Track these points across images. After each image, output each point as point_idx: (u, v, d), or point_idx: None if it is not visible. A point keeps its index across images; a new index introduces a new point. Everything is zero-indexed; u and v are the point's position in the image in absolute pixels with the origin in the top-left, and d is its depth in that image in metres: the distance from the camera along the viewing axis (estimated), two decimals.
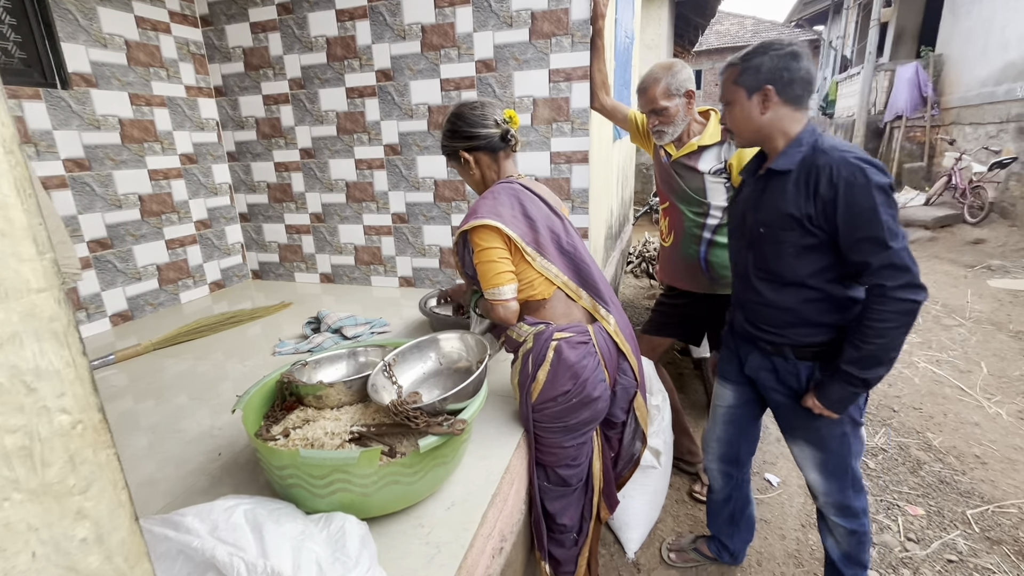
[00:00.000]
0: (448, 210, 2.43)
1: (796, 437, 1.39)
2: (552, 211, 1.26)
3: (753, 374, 1.40)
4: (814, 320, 1.23)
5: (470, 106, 1.26)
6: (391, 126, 2.39)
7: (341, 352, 1.25)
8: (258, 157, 2.68)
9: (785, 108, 1.17)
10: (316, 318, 1.98)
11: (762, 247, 1.25)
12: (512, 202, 1.20)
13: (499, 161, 1.28)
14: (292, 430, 0.99)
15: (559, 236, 1.23)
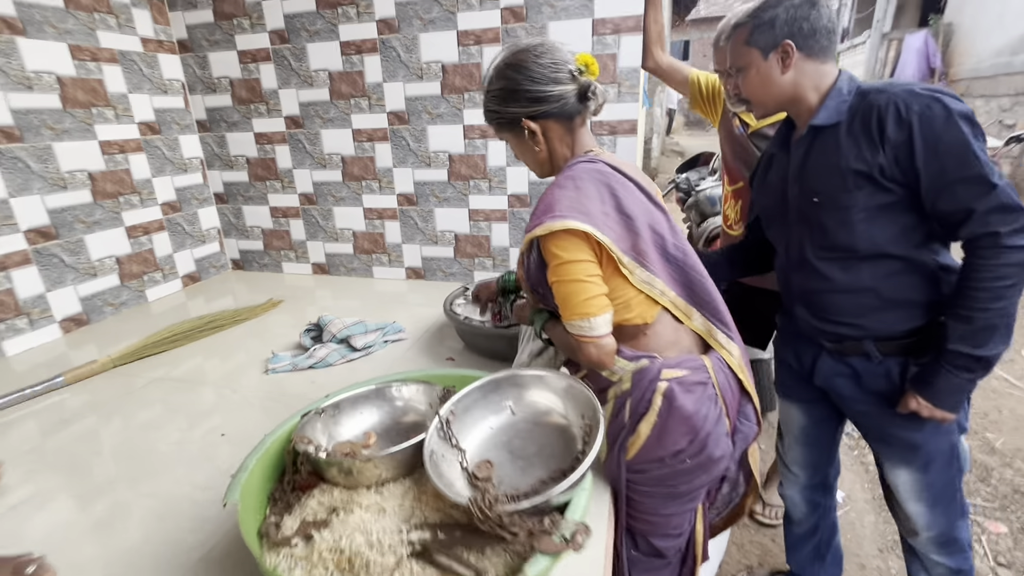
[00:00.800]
0: (465, 190, 2.07)
1: (892, 458, 1.14)
2: (651, 201, 0.93)
3: (826, 383, 1.16)
4: (901, 299, 1.01)
5: (533, 52, 0.89)
6: (396, 89, 2.00)
7: (366, 391, 0.93)
8: (235, 127, 2.26)
9: (810, 63, 1.00)
10: (316, 324, 1.63)
11: (820, 221, 1.03)
12: (601, 192, 0.87)
13: (574, 130, 0.94)
14: (315, 530, 0.67)
15: (663, 237, 0.91)
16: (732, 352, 0.92)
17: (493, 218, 2.08)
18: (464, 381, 0.95)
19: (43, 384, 1.40)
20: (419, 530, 0.65)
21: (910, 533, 1.21)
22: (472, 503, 0.62)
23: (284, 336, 1.74)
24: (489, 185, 2.04)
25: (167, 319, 1.93)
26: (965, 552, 1.16)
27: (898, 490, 1.16)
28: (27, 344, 1.70)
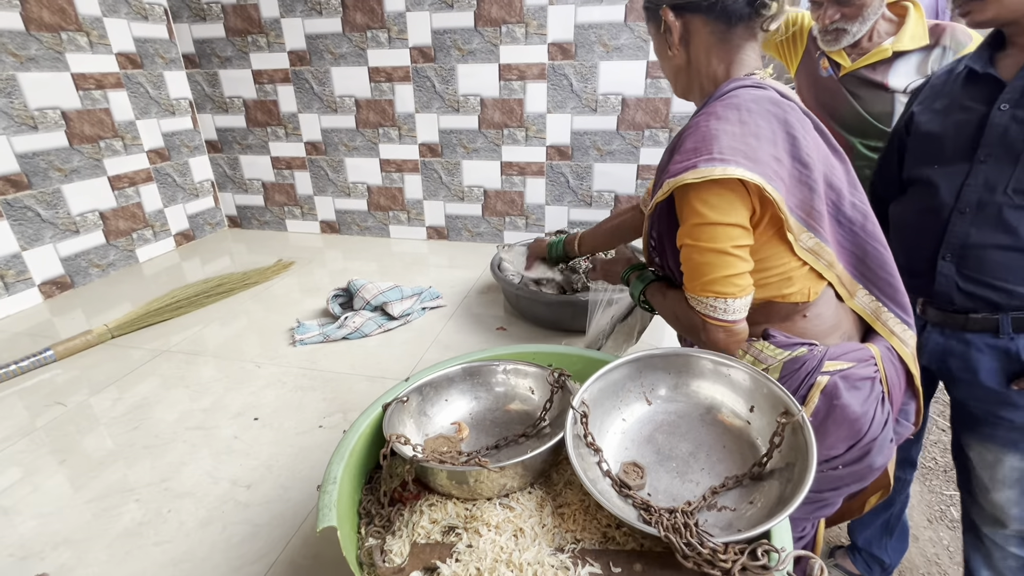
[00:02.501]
0: (498, 140, 1.85)
1: (996, 443, 1.03)
2: (828, 144, 0.74)
3: (934, 362, 1.03)
4: None
5: None
6: (421, 19, 1.74)
7: (452, 372, 0.76)
8: (228, 63, 1.97)
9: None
10: (346, 290, 1.44)
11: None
12: (775, 130, 0.67)
13: (732, 42, 0.72)
14: (438, 560, 0.52)
15: (839, 193, 0.72)
16: (906, 342, 0.76)
17: (528, 172, 1.88)
18: (565, 360, 0.79)
19: (31, 359, 1.19)
20: (583, 562, 0.50)
21: (993, 523, 1.12)
22: (670, 533, 0.47)
23: (302, 302, 1.55)
24: (526, 135, 1.82)
25: (160, 281, 1.71)
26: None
27: (993, 478, 1.06)
28: (3, 311, 1.47)
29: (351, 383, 1.15)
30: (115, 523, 0.80)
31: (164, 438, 0.99)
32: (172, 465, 0.92)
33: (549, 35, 1.67)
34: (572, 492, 0.61)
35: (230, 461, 0.93)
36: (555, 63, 1.70)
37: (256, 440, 0.98)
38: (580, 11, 1.62)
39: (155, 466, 0.92)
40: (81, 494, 0.86)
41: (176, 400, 1.11)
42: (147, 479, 0.89)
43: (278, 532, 0.76)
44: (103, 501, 0.84)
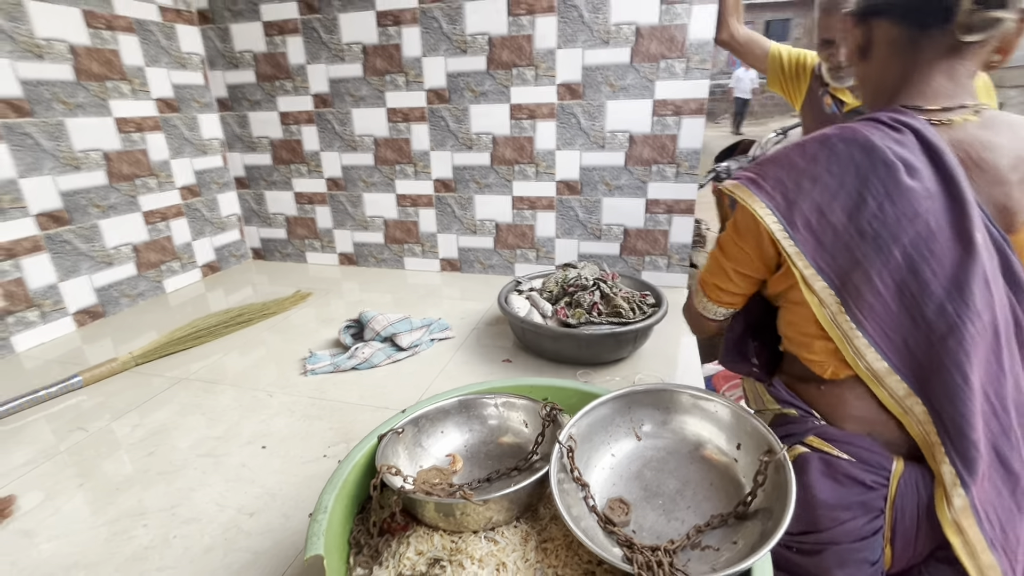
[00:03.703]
0: (509, 175, 1.91)
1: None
2: (953, 230, 0.57)
3: None
4: None
5: None
6: (436, 64, 1.84)
7: (449, 404, 0.78)
8: (257, 105, 2.10)
9: None
10: (357, 321, 1.48)
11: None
12: (844, 180, 0.58)
13: (917, 56, 0.60)
14: None
15: (926, 287, 0.58)
16: (952, 500, 0.57)
17: (539, 206, 1.92)
18: (560, 393, 0.80)
19: (60, 385, 1.26)
20: None
21: None
22: (643, 570, 0.47)
23: (317, 332, 1.60)
24: (536, 170, 1.88)
25: (185, 311, 1.78)
26: None
27: None
28: (39, 339, 1.56)
29: (357, 413, 1.18)
30: (124, 547, 0.83)
31: (177, 464, 1.03)
32: (182, 491, 0.95)
33: (558, 76, 1.74)
34: (557, 527, 0.62)
35: (237, 488, 0.95)
36: (564, 103, 1.76)
37: (263, 468, 1.01)
38: (587, 53, 1.69)
39: (167, 491, 0.95)
40: (97, 517, 0.89)
41: (191, 427, 1.15)
42: (158, 504, 0.92)
43: (276, 560, 0.78)
44: (115, 524, 0.88)
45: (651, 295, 1.39)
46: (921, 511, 0.61)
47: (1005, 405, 0.57)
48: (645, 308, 1.32)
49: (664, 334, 1.45)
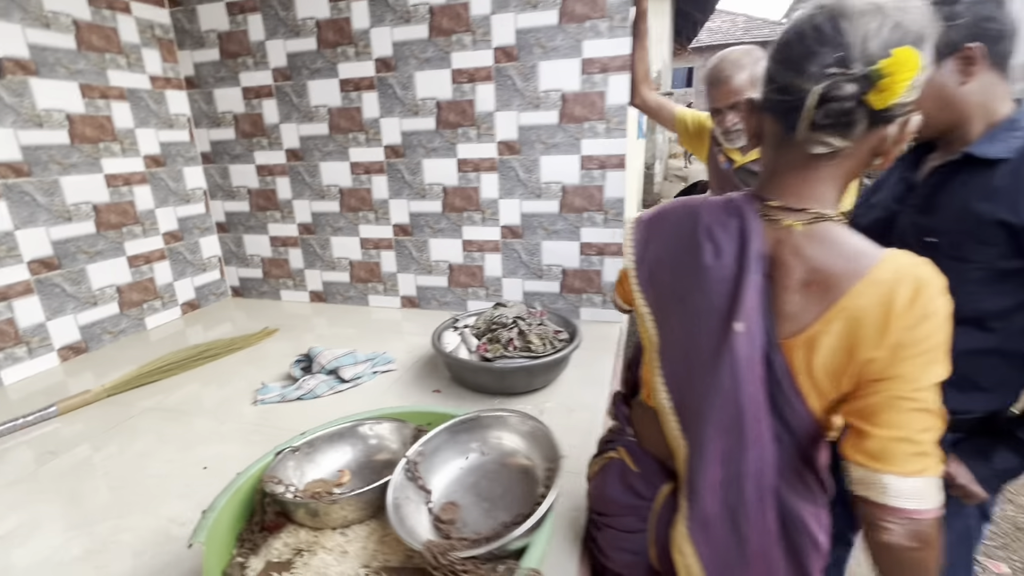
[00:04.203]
0: (459, 221, 2.11)
1: None
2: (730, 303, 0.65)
3: None
4: (971, 380, 0.89)
5: (794, 28, 0.60)
6: (392, 124, 2.06)
7: (341, 429, 0.94)
8: (237, 159, 2.33)
9: (992, 74, 0.83)
10: (306, 355, 1.65)
11: None
12: (669, 245, 0.70)
13: (783, 154, 0.64)
14: (276, 572, 0.68)
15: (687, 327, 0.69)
16: (679, 545, 0.67)
17: (486, 249, 2.11)
18: (438, 419, 0.96)
19: (36, 414, 1.43)
20: (377, 573, 0.65)
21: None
22: (426, 549, 0.62)
23: (277, 366, 1.76)
24: (482, 217, 2.07)
25: (164, 346, 1.96)
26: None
27: None
28: (25, 373, 1.73)
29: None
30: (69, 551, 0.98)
31: (128, 481, 1.18)
32: (128, 504, 1.10)
33: (497, 135, 1.95)
34: None
35: (176, 503, 1.10)
36: (503, 158, 1.97)
37: (201, 485, 1.16)
38: (522, 116, 1.90)
39: (114, 503, 1.10)
40: (53, 524, 1.05)
41: (146, 450, 1.31)
42: (104, 515, 1.07)
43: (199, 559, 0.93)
44: (68, 533, 1.03)
45: (566, 332, 1.55)
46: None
47: (741, 474, 0.63)
48: (556, 343, 1.48)
49: (584, 362, 1.61)
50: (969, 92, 0.85)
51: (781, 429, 0.63)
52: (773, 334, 0.62)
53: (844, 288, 0.58)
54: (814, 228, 0.62)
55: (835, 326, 0.58)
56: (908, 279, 0.56)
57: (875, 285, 0.57)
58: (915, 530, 0.54)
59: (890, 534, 0.55)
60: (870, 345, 0.56)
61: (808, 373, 0.61)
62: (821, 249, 0.61)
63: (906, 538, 0.54)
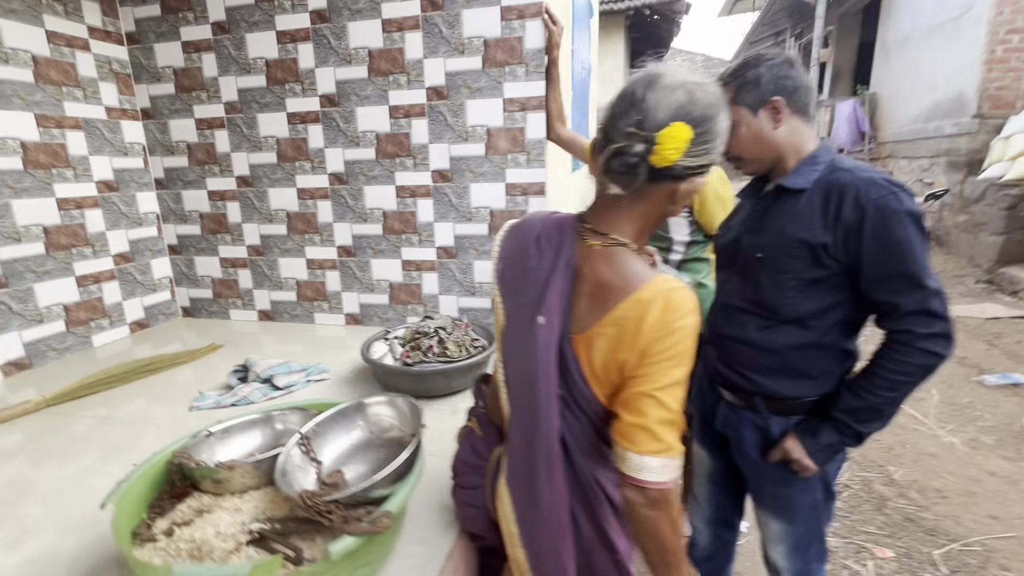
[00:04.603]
0: (398, 243, 2.28)
1: (764, 506, 1.23)
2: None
3: (722, 430, 1.24)
4: (800, 370, 1.08)
5: (623, 90, 0.74)
6: (336, 154, 2.24)
7: (255, 418, 1.07)
8: (190, 185, 2.46)
9: (796, 119, 1.04)
10: (243, 366, 1.77)
11: (756, 275, 1.08)
12: (509, 249, 0.85)
13: (598, 183, 0.78)
14: (179, 527, 0.81)
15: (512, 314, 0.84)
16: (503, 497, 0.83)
17: (423, 268, 2.28)
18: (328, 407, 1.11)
19: None
20: (261, 523, 0.79)
21: (772, 573, 1.28)
22: (298, 496, 0.76)
23: (219, 378, 1.86)
24: (419, 239, 2.25)
25: (110, 363, 2.04)
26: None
27: (767, 536, 1.25)
28: None
29: None
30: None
31: (64, 480, 1.28)
32: (62, 498, 1.20)
33: (431, 165, 2.15)
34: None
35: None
36: (437, 185, 2.17)
37: None
38: (452, 147, 2.11)
39: (48, 500, 1.20)
40: None
41: (81, 451, 1.40)
42: (35, 511, 1.16)
43: None
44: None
45: (483, 340, 1.72)
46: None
47: (533, 440, 0.76)
48: (472, 350, 1.65)
49: None
50: (781, 135, 1.05)
51: (574, 407, 0.77)
52: (567, 329, 0.76)
53: (616, 302, 0.71)
54: (609, 251, 0.75)
55: (607, 330, 0.72)
56: (660, 300, 0.69)
57: (637, 302, 0.70)
58: (649, 496, 0.69)
59: (631, 496, 0.71)
60: (625, 349, 0.70)
61: (590, 365, 0.75)
62: (608, 268, 0.74)
63: (642, 501, 0.69)
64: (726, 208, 1.64)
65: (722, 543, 1.48)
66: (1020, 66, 5.29)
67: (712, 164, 0.73)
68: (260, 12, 2.15)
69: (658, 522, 0.70)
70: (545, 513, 0.76)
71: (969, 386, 3.23)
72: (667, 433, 0.70)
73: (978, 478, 2.37)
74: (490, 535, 0.90)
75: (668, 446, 0.70)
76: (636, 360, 0.70)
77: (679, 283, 0.72)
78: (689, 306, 0.71)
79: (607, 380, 0.75)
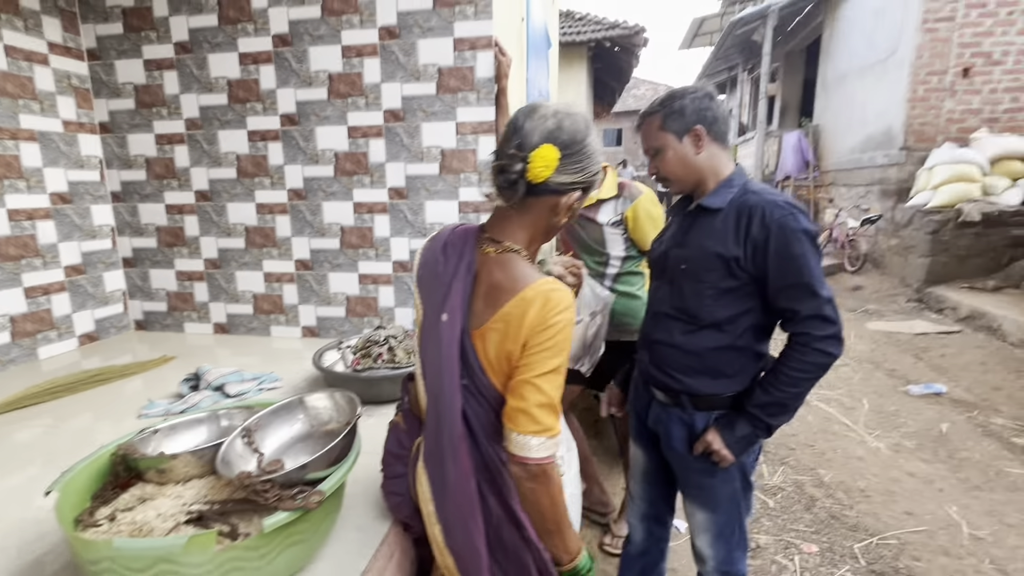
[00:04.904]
0: (355, 257, 2.35)
1: (690, 497, 1.35)
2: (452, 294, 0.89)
3: (654, 427, 1.36)
4: (718, 369, 1.20)
5: (512, 118, 0.86)
6: (296, 170, 2.32)
7: (201, 416, 1.13)
8: (148, 198, 2.49)
9: (715, 146, 1.18)
10: (195, 374, 1.80)
11: (681, 285, 1.21)
12: (426, 256, 0.94)
13: (496, 207, 0.90)
14: (121, 513, 0.86)
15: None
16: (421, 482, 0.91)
17: (380, 281, 2.36)
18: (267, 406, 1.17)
19: None
20: (200, 505, 0.85)
21: (698, 561, 1.40)
22: (237, 476, 0.83)
23: (169, 388, 1.88)
24: (376, 253, 2.33)
25: (56, 374, 2.02)
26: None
27: (693, 527, 1.36)
28: None
29: None
30: None
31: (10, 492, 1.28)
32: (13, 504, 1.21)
33: (388, 182, 2.25)
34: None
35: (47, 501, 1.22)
36: (394, 202, 2.27)
37: None
38: (408, 166, 2.22)
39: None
40: None
41: (27, 459, 1.40)
42: None
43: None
44: None
45: None
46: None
47: (440, 424, 0.86)
48: None
49: None
50: (702, 159, 1.18)
51: (476, 394, 0.85)
52: (467, 325, 0.85)
53: (505, 300, 0.81)
54: (502, 256, 0.85)
55: (498, 325, 0.81)
56: (540, 299, 0.79)
57: (521, 300, 0.80)
58: (530, 471, 0.79)
59: (516, 471, 0.80)
60: (511, 341, 0.80)
61: (486, 356, 0.84)
62: (500, 272, 0.84)
63: (525, 476, 0.79)
64: (656, 226, 1.81)
65: (655, 540, 1.58)
66: (939, 104, 5.82)
67: (588, 182, 0.86)
68: (223, 34, 2.24)
69: (539, 494, 0.80)
70: (453, 489, 0.85)
71: (896, 396, 3.49)
72: (545, 416, 0.79)
73: (898, 479, 2.56)
74: (415, 522, 0.97)
75: (546, 427, 0.79)
76: (520, 351, 0.80)
77: (558, 284, 0.83)
78: (565, 304, 0.81)
79: (500, 370, 0.84)
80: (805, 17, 8.64)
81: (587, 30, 8.15)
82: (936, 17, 5.64)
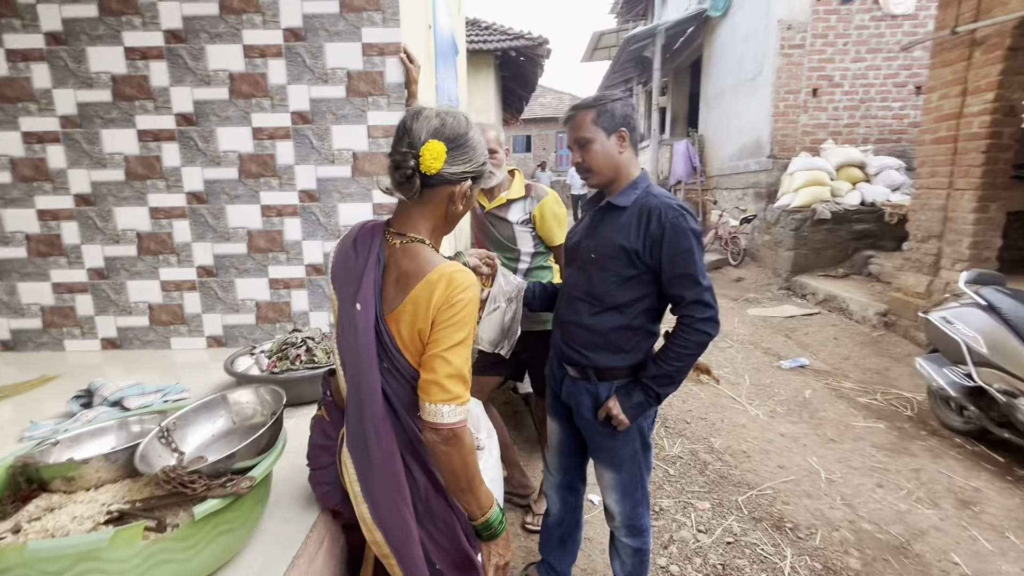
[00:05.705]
0: (264, 261, 2.29)
1: (599, 460, 1.53)
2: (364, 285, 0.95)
3: (566, 400, 1.52)
4: (618, 346, 1.39)
5: (401, 121, 0.94)
6: (194, 172, 2.21)
7: (107, 424, 1.08)
8: (13, 203, 2.23)
9: (630, 151, 1.34)
10: (87, 390, 1.67)
11: (590, 272, 1.37)
12: (340, 252, 1.01)
13: (399, 202, 0.97)
14: (27, 524, 0.82)
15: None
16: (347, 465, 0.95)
17: (292, 286, 2.31)
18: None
19: None
20: (120, 504, 0.84)
21: (608, 519, 1.60)
22: (162, 470, 0.84)
23: (55, 408, 1.72)
24: (287, 257, 2.29)
25: None
26: (644, 537, 1.54)
27: (602, 486, 1.53)
28: None
29: None
30: None
31: None
32: None
33: (298, 185, 2.22)
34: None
35: None
36: (304, 204, 2.24)
37: None
38: (319, 169, 2.21)
39: None
40: None
41: None
42: None
43: None
44: None
45: None
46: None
47: (361, 406, 0.91)
48: None
49: None
50: (622, 159, 1.34)
51: (396, 374, 0.92)
52: (380, 311, 0.92)
53: (413, 285, 0.89)
54: (407, 246, 0.93)
55: (408, 308, 0.89)
56: (444, 280, 0.87)
57: (428, 283, 0.88)
58: (443, 435, 0.87)
59: (429, 437, 0.88)
60: (421, 320, 0.88)
61: (400, 338, 0.90)
62: (407, 260, 0.92)
63: (438, 440, 0.87)
64: (561, 224, 1.99)
65: (569, 508, 1.74)
66: (796, 119, 6.75)
67: (477, 171, 0.97)
68: (104, 26, 2.09)
69: (451, 455, 0.88)
70: (378, 468, 0.91)
71: (771, 370, 4.01)
72: (454, 385, 0.88)
73: (772, 439, 2.98)
74: (345, 508, 1.02)
75: (455, 395, 0.88)
76: (428, 328, 0.89)
77: (460, 267, 0.92)
78: (467, 283, 0.90)
79: (415, 349, 0.92)
80: (688, 37, 9.56)
81: (493, 39, 8.38)
82: (791, 44, 6.55)
